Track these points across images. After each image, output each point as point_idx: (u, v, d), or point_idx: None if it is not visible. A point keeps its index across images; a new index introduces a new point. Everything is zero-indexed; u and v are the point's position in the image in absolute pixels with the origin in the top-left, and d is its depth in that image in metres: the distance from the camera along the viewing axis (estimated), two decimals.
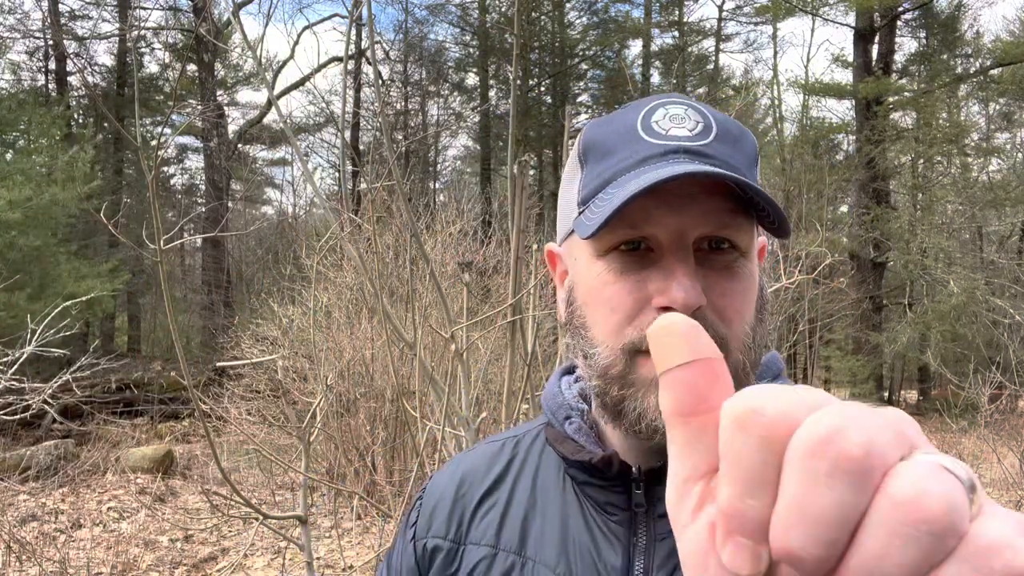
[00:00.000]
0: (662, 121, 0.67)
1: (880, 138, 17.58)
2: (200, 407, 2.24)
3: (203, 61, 19.12)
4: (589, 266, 0.69)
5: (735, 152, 0.67)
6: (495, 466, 0.83)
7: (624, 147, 0.67)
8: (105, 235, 15.60)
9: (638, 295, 0.65)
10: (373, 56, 2.84)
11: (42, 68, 19.79)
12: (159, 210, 2.18)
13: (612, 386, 0.67)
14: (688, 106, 0.68)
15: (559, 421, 0.77)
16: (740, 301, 0.66)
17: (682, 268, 0.63)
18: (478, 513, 0.80)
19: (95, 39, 20.01)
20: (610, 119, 0.71)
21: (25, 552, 4.58)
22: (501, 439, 0.87)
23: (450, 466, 0.87)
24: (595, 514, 0.73)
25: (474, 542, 0.78)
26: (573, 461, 0.73)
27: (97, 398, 9.32)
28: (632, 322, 0.66)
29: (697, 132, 0.66)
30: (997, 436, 7.27)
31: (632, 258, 0.66)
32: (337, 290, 6.65)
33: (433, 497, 0.84)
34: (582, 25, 24.69)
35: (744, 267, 0.67)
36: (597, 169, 0.69)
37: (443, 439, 2.67)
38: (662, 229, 0.64)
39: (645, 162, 0.65)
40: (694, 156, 0.65)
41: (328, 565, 4.61)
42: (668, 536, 0.69)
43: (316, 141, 23.74)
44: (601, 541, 0.72)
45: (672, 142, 0.65)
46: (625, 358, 0.66)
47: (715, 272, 0.65)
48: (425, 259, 2.95)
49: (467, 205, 7.54)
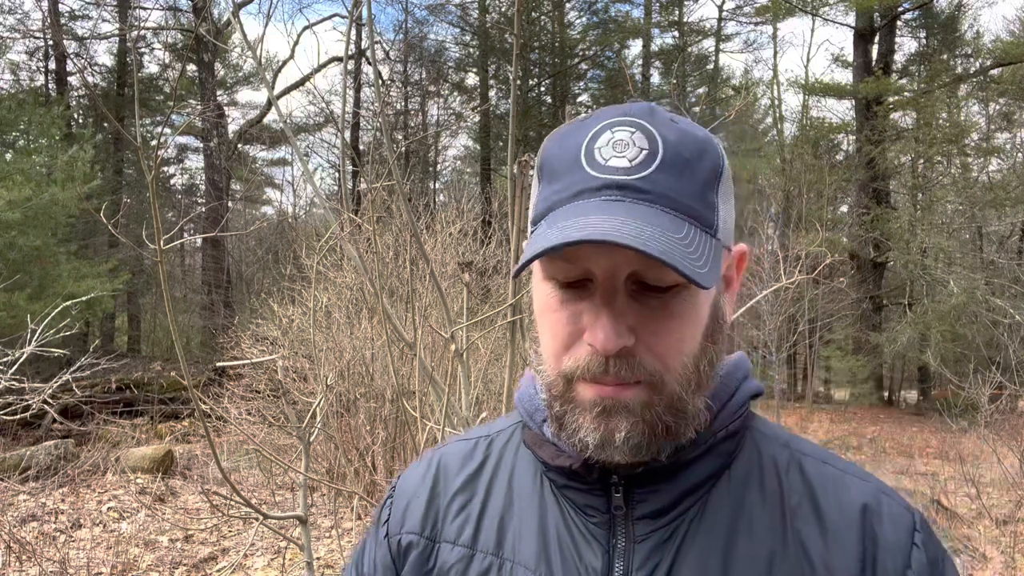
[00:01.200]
0: (604, 148, 0.66)
1: (880, 138, 17.59)
2: (200, 407, 2.24)
3: (203, 61, 19.12)
4: (539, 285, 0.71)
5: (681, 181, 0.65)
6: (468, 464, 0.83)
7: (566, 174, 0.68)
8: (105, 235, 15.61)
9: (572, 328, 0.68)
10: (373, 56, 2.84)
11: (42, 68, 19.80)
12: (159, 210, 2.18)
13: (555, 402, 0.71)
14: (636, 128, 0.67)
15: (536, 424, 0.78)
16: (675, 338, 0.67)
17: (607, 311, 0.65)
18: (451, 510, 0.80)
19: (95, 39, 20.03)
20: (564, 135, 0.71)
21: (25, 552, 4.58)
22: (473, 437, 0.87)
23: (422, 463, 0.87)
24: (574, 516, 0.74)
25: (448, 540, 0.79)
26: (553, 466, 0.74)
27: (97, 398, 9.32)
28: (568, 351, 0.68)
29: (638, 162, 0.65)
30: (997, 436, 7.27)
31: (571, 290, 0.67)
32: (337, 290, 6.65)
33: (406, 493, 0.84)
34: (582, 25, 24.72)
35: (685, 300, 0.66)
36: (547, 191, 0.69)
37: (443, 439, 2.67)
38: (595, 266, 0.65)
39: (580, 195, 0.66)
40: (626, 193, 0.64)
41: (328, 565, 4.62)
42: (647, 538, 0.71)
43: (316, 141, 23.78)
44: (581, 543, 0.72)
45: (608, 175, 0.65)
46: (564, 381, 0.69)
47: (648, 310, 0.66)
48: (425, 259, 2.95)
49: (467, 205, 7.54)
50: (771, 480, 0.74)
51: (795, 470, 0.75)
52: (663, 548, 0.70)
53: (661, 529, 0.71)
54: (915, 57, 21.41)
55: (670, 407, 0.67)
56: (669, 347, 0.67)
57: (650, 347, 0.66)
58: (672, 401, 0.67)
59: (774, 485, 0.73)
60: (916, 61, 21.25)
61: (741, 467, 0.74)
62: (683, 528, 0.71)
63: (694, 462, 0.72)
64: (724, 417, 0.73)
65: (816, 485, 0.73)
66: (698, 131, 0.70)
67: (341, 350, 5.98)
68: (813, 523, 0.71)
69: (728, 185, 0.71)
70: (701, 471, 0.72)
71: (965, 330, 13.73)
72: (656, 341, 0.66)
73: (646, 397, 0.67)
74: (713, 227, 0.67)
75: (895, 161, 18.90)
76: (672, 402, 0.67)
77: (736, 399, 0.75)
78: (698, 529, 0.71)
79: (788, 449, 0.77)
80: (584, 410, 0.68)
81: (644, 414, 0.67)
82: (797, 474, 0.74)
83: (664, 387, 0.67)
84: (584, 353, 0.67)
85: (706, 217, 0.67)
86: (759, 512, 0.72)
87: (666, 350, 0.66)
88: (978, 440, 8.08)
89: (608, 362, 0.65)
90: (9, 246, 10.33)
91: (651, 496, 0.72)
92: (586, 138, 0.68)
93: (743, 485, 0.73)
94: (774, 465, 0.75)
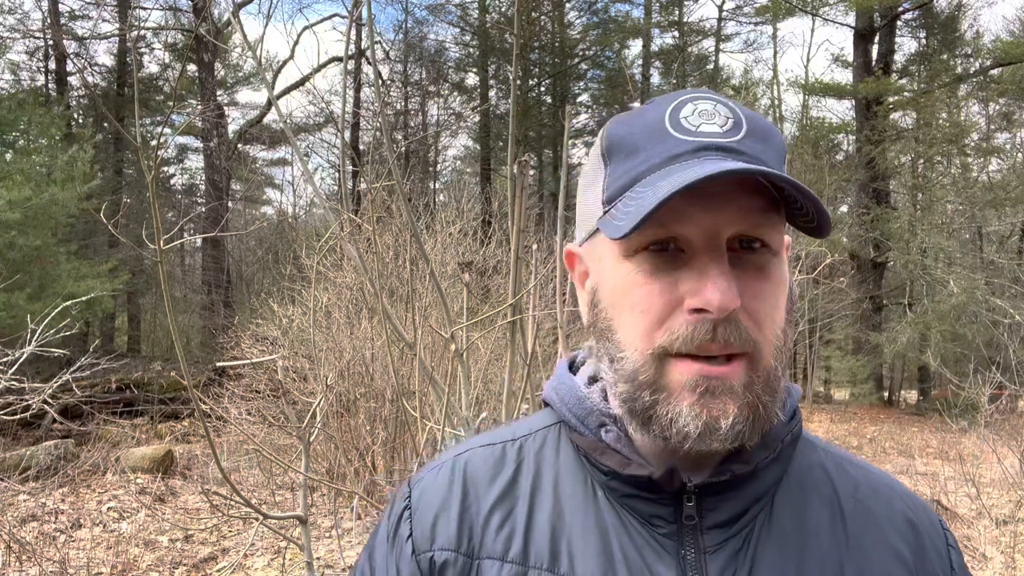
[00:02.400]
0: (691, 117, 0.65)
1: (880, 138, 17.58)
2: (200, 407, 2.24)
3: (203, 61, 19.11)
4: (616, 267, 0.67)
5: (766, 148, 0.65)
6: (502, 472, 0.76)
7: (651, 144, 0.65)
8: (105, 235, 15.61)
9: (669, 297, 0.64)
10: (373, 56, 2.84)
11: (42, 68, 19.80)
12: (159, 210, 2.18)
13: (642, 391, 0.65)
14: (717, 101, 0.67)
15: (590, 429, 0.73)
16: (772, 304, 0.65)
17: (717, 268, 0.62)
18: (491, 524, 0.72)
19: (95, 39, 20.03)
20: (634, 116, 0.69)
21: (25, 552, 4.58)
22: (499, 442, 0.79)
23: (442, 471, 0.78)
24: (638, 527, 0.69)
25: (493, 557, 0.71)
26: (625, 475, 0.69)
27: (97, 398, 9.32)
28: (662, 325, 0.64)
29: (728, 128, 0.65)
30: (997, 436, 7.27)
31: (662, 259, 0.64)
32: (337, 290, 6.64)
33: (431, 506, 0.75)
34: (582, 25, 24.72)
35: (776, 267, 0.66)
36: (623, 167, 0.67)
37: (443, 439, 2.67)
38: (695, 228, 0.62)
39: (675, 159, 0.63)
40: (726, 153, 0.63)
41: (328, 565, 4.61)
42: (719, 548, 0.68)
43: (316, 141, 23.76)
44: (649, 555, 0.68)
45: (703, 139, 0.64)
46: (655, 363, 0.65)
47: (748, 273, 0.64)
48: (425, 259, 2.95)
49: (467, 205, 7.54)
50: (825, 485, 0.73)
51: (843, 476, 0.75)
52: (737, 559, 0.67)
53: (732, 539, 0.68)
54: (915, 57, 21.40)
55: (767, 385, 0.65)
56: (766, 314, 0.64)
57: (751, 313, 0.63)
58: (768, 378, 0.65)
59: (828, 490, 0.73)
60: (916, 61, 21.24)
61: (796, 473, 0.73)
62: (754, 537, 0.69)
63: (764, 469, 0.70)
64: (783, 420, 0.71)
65: (865, 491, 0.74)
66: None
67: (341, 350, 5.98)
68: (871, 529, 0.71)
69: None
70: (769, 478, 0.70)
71: (965, 330, 13.73)
72: (756, 307, 0.64)
73: (747, 376, 0.63)
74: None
75: (895, 161, 18.90)
76: (768, 379, 0.65)
77: (791, 401, 0.73)
78: (768, 537, 0.69)
79: (830, 454, 0.77)
80: (681, 396, 0.63)
81: (746, 396, 0.63)
82: (846, 480, 0.75)
83: (761, 359, 0.64)
84: (683, 321, 0.63)
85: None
86: (820, 518, 0.71)
87: (764, 317, 0.64)
88: (978, 440, 8.08)
89: (716, 328, 0.62)
90: (9, 246, 10.32)
91: (723, 504, 0.69)
92: (667, 111, 0.67)
93: (802, 491, 0.72)
94: (823, 470, 0.75)
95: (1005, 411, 8.14)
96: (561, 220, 2.68)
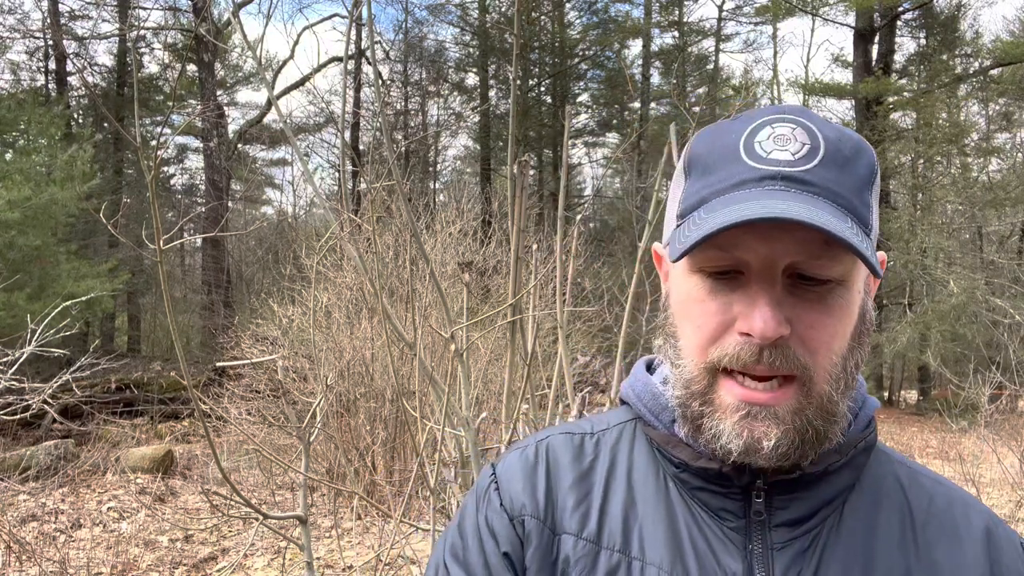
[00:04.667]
0: (765, 142, 0.67)
1: (880, 138, 17.57)
2: (200, 407, 2.24)
3: (203, 61, 19.11)
4: (682, 280, 0.71)
5: (842, 176, 0.66)
6: (581, 459, 0.79)
7: (724, 166, 0.67)
8: (105, 235, 15.61)
9: (723, 317, 0.67)
10: (373, 56, 2.85)
11: (42, 68, 19.79)
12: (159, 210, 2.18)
13: (693, 400, 0.69)
14: (797, 124, 0.67)
15: (664, 424, 0.76)
16: (829, 333, 0.66)
17: (765, 298, 0.64)
18: (568, 503, 0.76)
19: (95, 39, 20.01)
20: (716, 132, 0.71)
21: (25, 552, 4.58)
22: (578, 432, 0.82)
23: (526, 452, 0.81)
24: (707, 519, 0.72)
25: (570, 532, 0.75)
26: (695, 468, 0.72)
27: (97, 398, 9.31)
28: (716, 343, 0.67)
29: (801, 156, 0.65)
30: (997, 436, 7.26)
31: (721, 280, 0.67)
32: (337, 290, 6.64)
33: (518, 479, 0.78)
34: (582, 25, 24.71)
35: (840, 296, 0.66)
36: (698, 184, 0.69)
37: (443, 439, 2.67)
38: (752, 255, 0.65)
39: (741, 186, 0.65)
40: (791, 184, 0.64)
41: (328, 565, 4.61)
42: (785, 546, 0.70)
43: (316, 141, 23.75)
44: (718, 547, 0.71)
45: (771, 167, 0.65)
46: (707, 376, 0.68)
47: (804, 303, 0.65)
48: (425, 259, 2.95)
49: (467, 205, 7.54)
50: (897, 495, 0.74)
51: (917, 487, 0.76)
52: (804, 557, 0.69)
53: (800, 538, 0.70)
54: (915, 57, 21.38)
55: (820, 409, 0.67)
56: (822, 342, 0.66)
57: (804, 340, 0.65)
58: (822, 403, 0.67)
59: (901, 500, 0.74)
60: (916, 61, 21.23)
61: (869, 481, 0.75)
62: (821, 539, 0.70)
63: (834, 473, 0.72)
64: (857, 428, 0.74)
65: (940, 505, 0.74)
66: (853, 133, 0.70)
67: (341, 350, 5.98)
68: (944, 543, 0.72)
69: (879, 190, 0.71)
70: (840, 483, 0.72)
71: (965, 330, 13.72)
72: (811, 335, 0.65)
73: (796, 403, 0.66)
74: (869, 226, 0.67)
75: (895, 161, 18.89)
76: (822, 404, 0.67)
77: (865, 411, 0.75)
78: (836, 541, 0.70)
79: (905, 466, 0.78)
80: (725, 415, 0.67)
81: (795, 421, 0.66)
82: (919, 492, 0.75)
83: (813, 386, 0.66)
84: (734, 342, 0.66)
85: (863, 215, 0.67)
86: (890, 527, 0.72)
87: (819, 345, 0.66)
88: (978, 440, 8.07)
89: (762, 351, 0.64)
90: (9, 246, 10.32)
91: (791, 504, 0.71)
92: (744, 133, 0.68)
93: (873, 499, 0.74)
94: (897, 481, 0.76)
95: (1005, 411, 8.13)
96: (561, 220, 2.68)
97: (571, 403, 2.55)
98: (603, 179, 27.54)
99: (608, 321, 4.11)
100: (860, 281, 0.69)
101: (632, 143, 18.77)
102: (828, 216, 0.62)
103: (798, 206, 0.62)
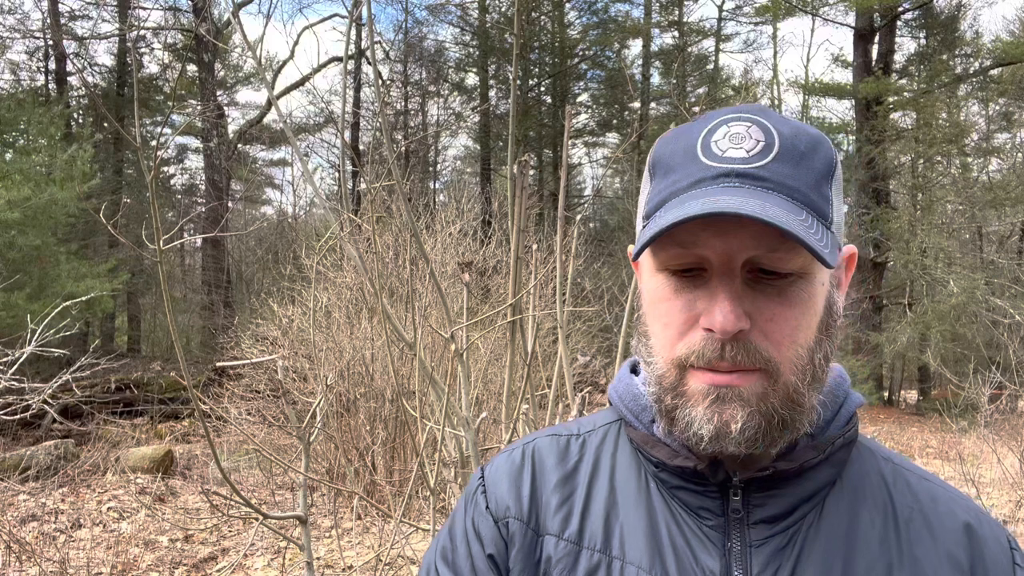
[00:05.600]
0: (721, 141, 0.68)
1: (880, 138, 17.57)
2: (200, 407, 2.24)
3: (203, 61, 19.11)
4: (650, 279, 0.72)
5: (797, 171, 0.67)
6: (565, 461, 0.81)
7: (682, 167, 0.69)
8: (105, 235, 15.61)
9: (688, 314, 0.68)
10: (373, 56, 2.84)
11: (42, 68, 19.80)
12: (159, 210, 2.18)
13: (666, 395, 0.71)
14: (752, 123, 0.68)
15: (643, 424, 0.77)
16: (792, 326, 0.67)
17: (724, 292, 0.65)
18: (551, 504, 0.78)
19: (95, 39, 20.01)
20: (678, 134, 0.72)
21: (25, 552, 4.58)
22: (563, 434, 0.84)
23: (513, 455, 0.84)
24: (686, 518, 0.73)
25: (552, 533, 0.76)
26: (672, 466, 0.74)
27: (97, 398, 9.32)
28: (682, 339, 0.68)
29: (755, 152, 0.66)
30: (997, 436, 7.27)
31: (686, 278, 0.68)
32: (337, 290, 6.64)
33: (504, 482, 0.81)
34: (582, 25, 24.70)
35: (802, 289, 0.67)
36: (660, 185, 0.70)
37: (443, 439, 2.67)
38: (711, 252, 0.65)
39: (698, 184, 0.67)
40: (744, 180, 0.65)
41: (328, 565, 4.61)
42: (764, 543, 0.71)
43: (316, 141, 23.75)
44: (696, 545, 0.72)
45: (726, 164, 0.66)
46: (676, 371, 0.69)
47: (764, 296, 0.66)
48: (425, 259, 2.95)
49: (467, 205, 7.54)
50: (881, 492, 0.75)
51: (902, 484, 0.76)
52: (782, 554, 0.70)
53: (778, 535, 0.71)
54: (915, 57, 21.38)
55: (786, 399, 0.67)
56: (785, 334, 0.67)
57: (766, 333, 0.66)
58: (788, 392, 0.67)
59: (884, 498, 0.74)
60: (916, 61, 21.22)
61: (851, 477, 0.75)
62: (800, 535, 0.71)
63: (813, 469, 0.72)
64: (837, 425, 0.74)
65: (924, 501, 0.74)
66: (811, 128, 0.70)
67: (341, 350, 5.98)
68: (926, 539, 0.72)
69: (840, 183, 0.71)
70: (819, 479, 0.73)
71: (965, 330, 13.73)
72: (772, 328, 0.66)
73: (761, 388, 0.66)
74: (828, 219, 0.68)
75: (895, 161, 18.89)
76: (788, 393, 0.67)
77: (847, 407, 0.76)
78: (816, 537, 0.71)
79: (891, 463, 0.78)
80: (696, 401, 0.68)
81: (760, 406, 0.67)
82: (904, 488, 0.75)
83: (779, 376, 0.67)
84: (699, 338, 0.67)
85: (821, 208, 0.67)
86: (872, 524, 0.72)
87: (782, 337, 0.67)
88: (978, 440, 8.08)
89: (724, 346, 0.66)
90: (9, 246, 10.32)
91: (769, 501, 0.72)
92: (701, 133, 0.69)
93: (855, 496, 0.74)
94: (881, 477, 0.76)
95: (1005, 411, 8.14)
96: (561, 220, 2.68)
97: (571, 403, 2.55)
98: (603, 179, 27.58)
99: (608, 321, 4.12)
100: (824, 273, 0.69)
101: (632, 143, 18.76)
102: (778, 210, 0.63)
103: (752, 201, 0.62)
